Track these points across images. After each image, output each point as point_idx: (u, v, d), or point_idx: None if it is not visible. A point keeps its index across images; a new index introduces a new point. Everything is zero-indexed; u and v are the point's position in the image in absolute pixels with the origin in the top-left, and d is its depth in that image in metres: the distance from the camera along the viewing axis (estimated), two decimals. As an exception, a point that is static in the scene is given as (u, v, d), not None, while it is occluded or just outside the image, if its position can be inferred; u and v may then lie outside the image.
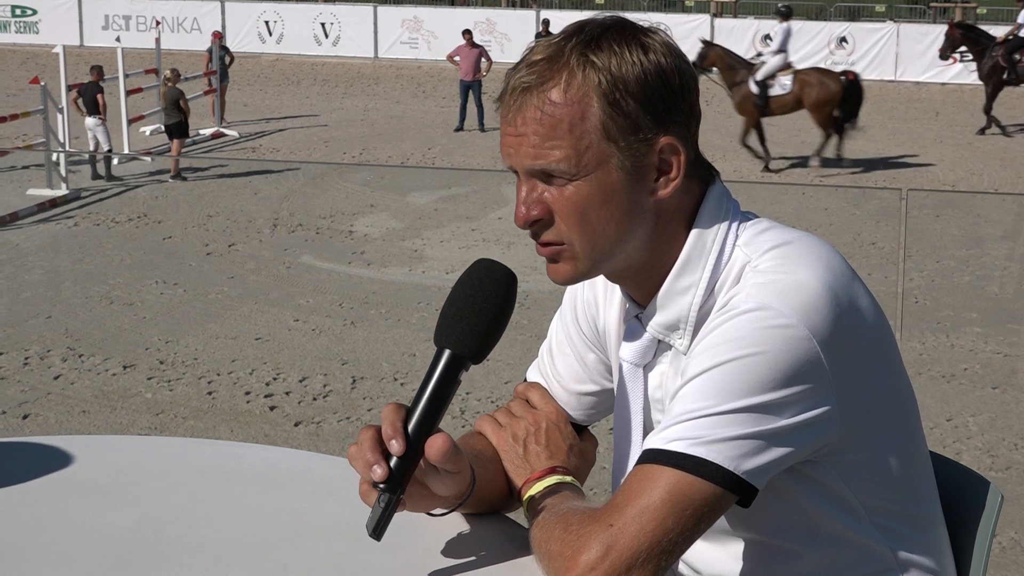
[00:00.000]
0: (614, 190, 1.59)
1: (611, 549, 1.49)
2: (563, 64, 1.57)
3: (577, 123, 1.56)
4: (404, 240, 11.71)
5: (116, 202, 13.39)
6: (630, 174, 1.59)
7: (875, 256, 11.16)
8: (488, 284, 1.59)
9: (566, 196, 1.59)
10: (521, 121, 1.58)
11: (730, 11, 32.12)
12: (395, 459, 1.54)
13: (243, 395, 7.31)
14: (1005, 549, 5.47)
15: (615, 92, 1.56)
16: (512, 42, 27.91)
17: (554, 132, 1.57)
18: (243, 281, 10.13)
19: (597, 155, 1.58)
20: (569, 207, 1.60)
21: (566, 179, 1.59)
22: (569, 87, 1.56)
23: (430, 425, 1.56)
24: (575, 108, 1.56)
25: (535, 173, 1.60)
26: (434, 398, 1.56)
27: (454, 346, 1.56)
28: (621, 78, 1.56)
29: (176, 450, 2.11)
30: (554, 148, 1.57)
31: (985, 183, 15.42)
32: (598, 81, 1.56)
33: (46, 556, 1.62)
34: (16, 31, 31.36)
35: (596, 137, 1.57)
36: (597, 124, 1.57)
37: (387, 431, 1.55)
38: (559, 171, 1.58)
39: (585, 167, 1.58)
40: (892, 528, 1.68)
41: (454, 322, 1.57)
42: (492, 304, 1.58)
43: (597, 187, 1.59)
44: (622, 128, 1.57)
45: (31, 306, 9.25)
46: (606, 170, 1.58)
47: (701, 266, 1.64)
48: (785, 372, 1.50)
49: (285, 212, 12.94)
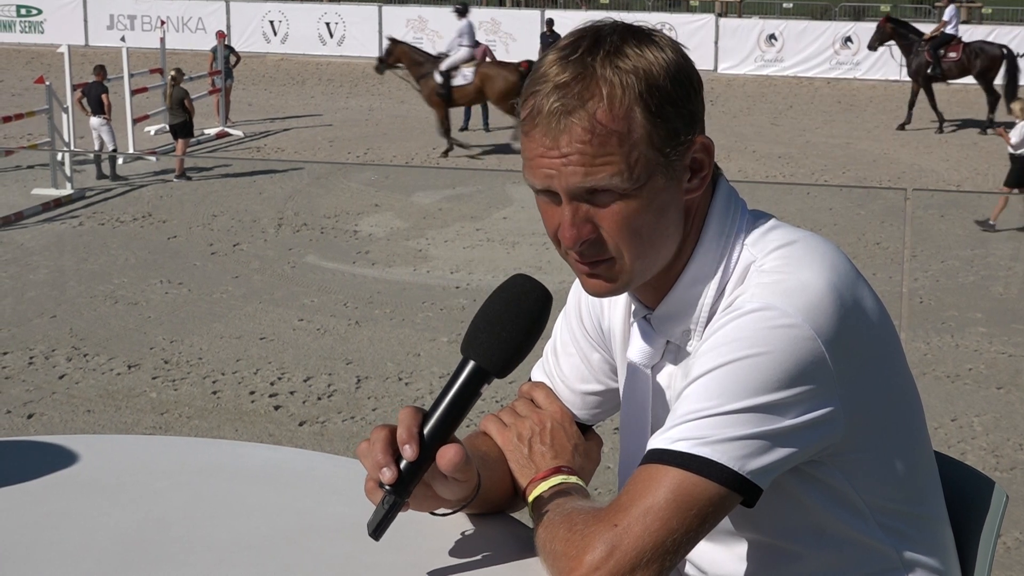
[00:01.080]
0: (661, 199, 1.58)
1: (615, 549, 1.49)
2: (597, 79, 1.54)
3: (625, 137, 1.54)
4: (409, 240, 11.71)
5: (121, 202, 13.40)
6: (672, 179, 1.59)
7: (880, 256, 11.14)
8: (523, 302, 1.58)
9: (615, 212, 1.57)
10: (566, 142, 1.54)
11: (735, 11, 32.08)
12: (405, 463, 1.54)
13: (248, 395, 7.32)
14: (1010, 549, 5.47)
15: (654, 100, 1.55)
16: (517, 42, 27.88)
17: (604, 149, 1.54)
18: (248, 281, 10.14)
19: (646, 166, 1.56)
20: (620, 223, 1.57)
21: (616, 195, 1.56)
22: (612, 103, 1.53)
23: (445, 434, 1.56)
24: (622, 123, 1.54)
25: (581, 194, 1.57)
26: (453, 407, 1.56)
27: (480, 359, 1.56)
28: (656, 84, 1.55)
29: (181, 450, 2.11)
30: (605, 164, 1.54)
31: (990, 183, 15.40)
32: (637, 92, 1.54)
33: (51, 555, 1.62)
34: (21, 31, 31.37)
35: (644, 148, 1.55)
36: (643, 135, 1.55)
37: (402, 435, 1.55)
38: (612, 186, 1.55)
39: (637, 179, 1.55)
40: (897, 528, 1.68)
41: (484, 335, 1.56)
42: (524, 322, 1.56)
43: (647, 198, 1.57)
44: (665, 135, 1.56)
45: (36, 305, 9.26)
46: (655, 181, 1.57)
47: (712, 268, 1.64)
48: (790, 372, 1.50)
49: (290, 212, 12.94)
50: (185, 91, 15.55)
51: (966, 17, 31.23)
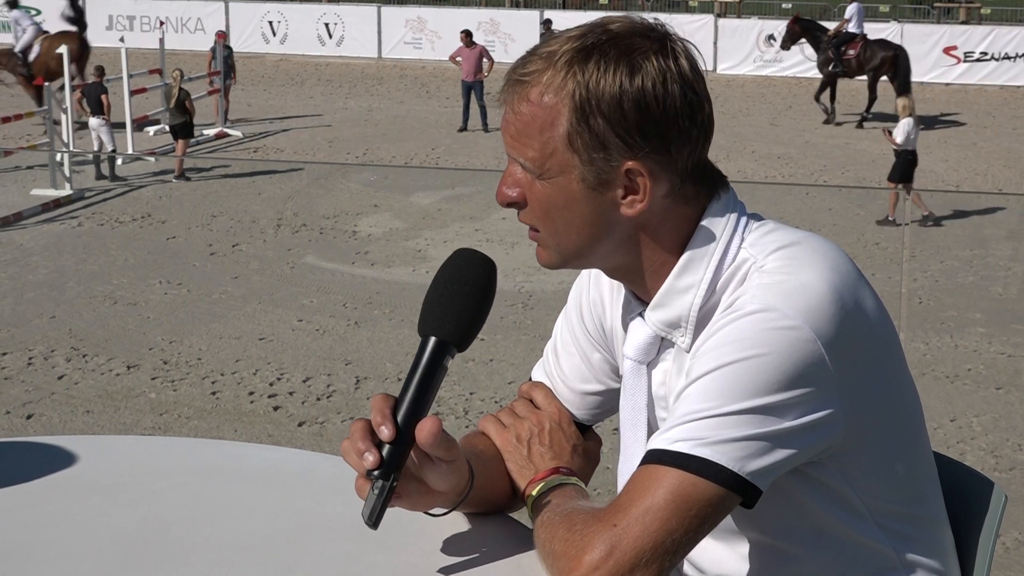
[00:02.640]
0: (574, 199, 1.62)
1: (615, 549, 1.49)
2: (549, 67, 1.60)
3: (547, 128, 1.60)
4: (408, 240, 11.71)
5: (120, 202, 13.40)
6: (592, 188, 1.61)
7: (879, 256, 11.15)
8: (469, 272, 1.61)
9: (535, 190, 1.64)
10: (508, 111, 1.63)
11: (734, 11, 32.07)
12: (386, 446, 1.54)
13: (247, 395, 7.32)
14: (1009, 550, 5.47)
15: (586, 108, 1.58)
16: (516, 42, 27.86)
17: (527, 130, 1.61)
18: (247, 281, 10.14)
19: (560, 162, 1.60)
20: (535, 201, 1.64)
21: (533, 176, 1.63)
22: (547, 92, 1.59)
23: (419, 412, 1.56)
24: (548, 113, 1.59)
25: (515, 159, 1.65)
26: (421, 385, 1.57)
27: (438, 333, 1.58)
28: (596, 96, 1.57)
29: (180, 450, 2.11)
30: (526, 145, 1.61)
31: (989, 183, 15.41)
32: (573, 93, 1.58)
33: (50, 556, 1.62)
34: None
35: (561, 145, 1.60)
36: (563, 133, 1.59)
37: (376, 418, 1.55)
38: (527, 167, 1.63)
39: (548, 170, 1.61)
40: (896, 529, 1.68)
41: (437, 310, 1.59)
42: (474, 291, 1.60)
43: (558, 192, 1.62)
44: (587, 143, 1.59)
45: (35, 306, 9.26)
46: (567, 178, 1.61)
47: (703, 266, 1.64)
48: (789, 374, 1.50)
49: (289, 212, 12.95)
50: (187, 92, 15.56)
51: (965, 17, 31.27)
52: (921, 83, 26.32)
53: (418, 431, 1.55)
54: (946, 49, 26.59)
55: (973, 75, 26.41)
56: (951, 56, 26.54)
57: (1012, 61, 26.25)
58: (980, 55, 26.42)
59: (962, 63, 26.42)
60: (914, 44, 26.63)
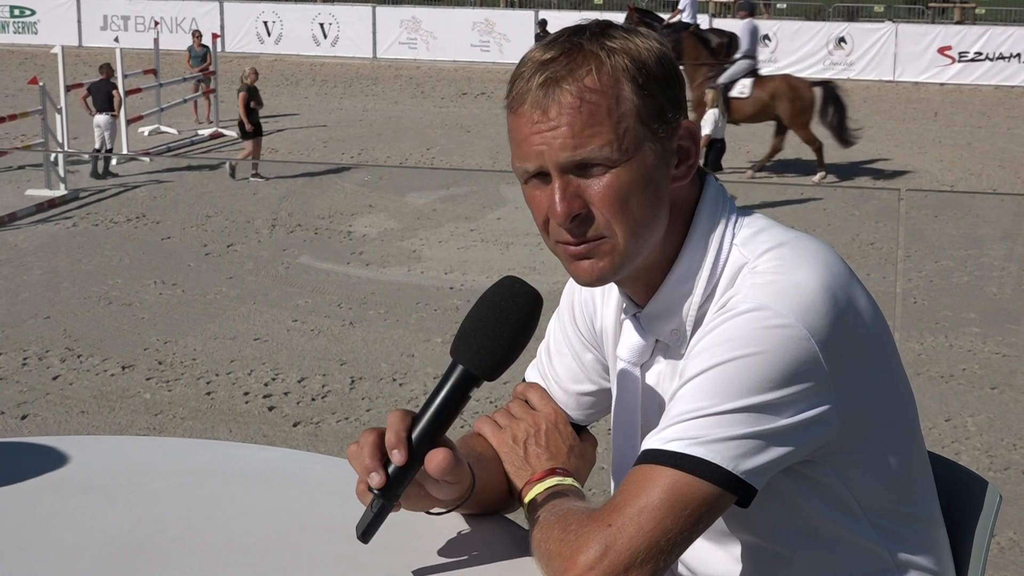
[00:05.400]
0: (650, 175, 1.59)
1: (609, 549, 1.49)
2: (586, 54, 1.57)
3: (614, 108, 1.56)
4: (403, 240, 11.70)
5: (115, 202, 13.38)
6: (661, 158, 1.60)
7: (874, 256, 11.15)
8: (512, 305, 1.56)
9: (605, 184, 1.57)
10: (556, 112, 1.56)
11: (728, 12, 32.10)
12: (393, 467, 1.54)
13: (242, 395, 7.31)
14: (1004, 549, 5.47)
15: (641, 75, 1.58)
16: (511, 42, 27.88)
17: (593, 119, 1.55)
18: (242, 281, 10.13)
19: (635, 138, 1.57)
20: (611, 196, 1.57)
21: (606, 167, 1.57)
22: (601, 73, 1.56)
23: (434, 438, 1.55)
24: (610, 93, 1.56)
25: (571, 167, 1.57)
26: (441, 411, 1.55)
27: (469, 363, 1.55)
28: (643, 62, 1.58)
29: (175, 450, 2.11)
30: (595, 135, 1.55)
31: (984, 183, 15.42)
32: (624, 66, 1.57)
33: (45, 556, 1.62)
34: (14, 31, 31.33)
35: (632, 120, 1.57)
36: (631, 107, 1.57)
37: (391, 439, 1.54)
38: (601, 158, 1.56)
39: (626, 151, 1.57)
40: (890, 529, 1.68)
41: (472, 339, 1.55)
42: (513, 326, 1.55)
43: (636, 172, 1.58)
44: (652, 111, 1.58)
45: (30, 306, 9.25)
46: (643, 153, 1.58)
47: (699, 267, 1.64)
48: (783, 372, 1.50)
49: (284, 212, 12.93)
50: (254, 91, 15.26)
51: (959, 17, 31.30)
52: (916, 83, 26.39)
53: (428, 461, 1.54)
54: (940, 49, 26.62)
55: (967, 75, 26.45)
56: (945, 56, 26.58)
57: (1006, 61, 26.29)
58: (975, 55, 26.46)
59: (956, 63, 26.46)
60: (909, 44, 26.74)
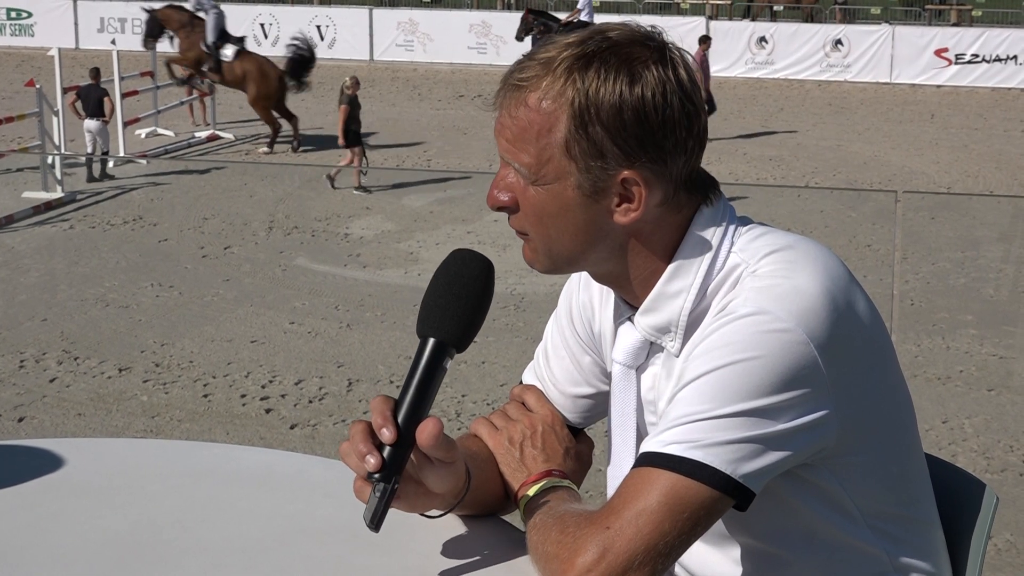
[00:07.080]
0: (568, 206, 1.62)
1: (607, 551, 1.49)
2: (549, 73, 1.59)
3: (544, 134, 1.59)
4: (399, 242, 11.70)
5: (111, 205, 13.37)
6: (587, 195, 1.61)
7: (870, 258, 11.16)
8: (466, 273, 1.61)
9: (528, 195, 1.64)
10: (505, 115, 1.63)
11: (725, 13, 32.10)
12: (387, 448, 1.54)
13: (239, 398, 7.31)
14: (1000, 551, 5.48)
15: (585, 115, 1.57)
16: (508, 45, 27.83)
17: (524, 135, 1.60)
18: (239, 284, 10.12)
19: (556, 169, 1.60)
20: (528, 206, 1.64)
21: (527, 181, 1.62)
22: (545, 98, 1.59)
23: (419, 413, 1.56)
24: (545, 119, 1.59)
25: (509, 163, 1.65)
26: (421, 386, 1.57)
27: (437, 334, 1.58)
28: (596, 104, 1.57)
29: (172, 453, 2.11)
30: (521, 151, 1.61)
31: (980, 185, 15.43)
32: (572, 100, 1.57)
33: (42, 559, 1.62)
34: (11, 34, 31.29)
35: (558, 152, 1.59)
36: (560, 140, 1.59)
37: (377, 420, 1.55)
38: (521, 173, 1.62)
39: (544, 177, 1.61)
40: (888, 531, 1.68)
41: (436, 311, 1.59)
42: (472, 292, 1.60)
43: (552, 198, 1.62)
44: (584, 151, 1.59)
45: (26, 309, 9.24)
46: (563, 185, 1.61)
47: (693, 271, 1.64)
48: (782, 376, 1.51)
49: (280, 214, 12.93)
50: (352, 98, 14.88)
51: (956, 19, 31.33)
52: (912, 85, 26.40)
53: (419, 432, 1.55)
54: (937, 51, 26.61)
55: (964, 77, 26.44)
56: (942, 58, 26.57)
57: (1003, 63, 26.29)
58: (971, 57, 26.45)
59: (953, 65, 26.45)
60: (905, 46, 26.75)
